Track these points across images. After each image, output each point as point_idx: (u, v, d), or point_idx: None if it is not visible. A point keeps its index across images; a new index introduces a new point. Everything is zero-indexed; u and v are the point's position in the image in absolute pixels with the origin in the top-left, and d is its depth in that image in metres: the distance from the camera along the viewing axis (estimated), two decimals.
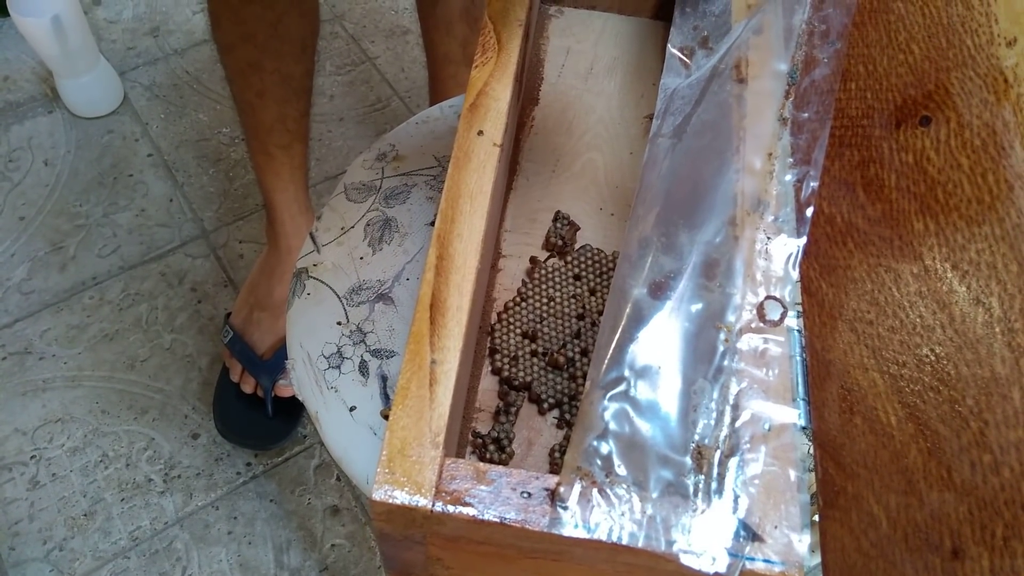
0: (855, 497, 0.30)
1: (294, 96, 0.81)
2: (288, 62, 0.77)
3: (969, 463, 0.28)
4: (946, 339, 0.30)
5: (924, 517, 0.28)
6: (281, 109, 0.81)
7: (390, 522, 0.31)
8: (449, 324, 0.34)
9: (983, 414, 0.28)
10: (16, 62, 1.27)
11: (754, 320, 0.34)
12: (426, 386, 0.33)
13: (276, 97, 0.80)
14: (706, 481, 0.30)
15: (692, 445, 0.31)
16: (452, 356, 0.34)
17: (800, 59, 0.39)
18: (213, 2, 0.74)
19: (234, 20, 0.74)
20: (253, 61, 0.76)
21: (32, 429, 0.97)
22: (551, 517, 0.30)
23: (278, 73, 0.78)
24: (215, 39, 0.77)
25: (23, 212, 1.13)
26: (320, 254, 0.58)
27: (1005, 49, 0.35)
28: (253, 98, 0.80)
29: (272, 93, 0.79)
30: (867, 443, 0.31)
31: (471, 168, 0.39)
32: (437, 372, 0.33)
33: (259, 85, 0.78)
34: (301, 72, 0.80)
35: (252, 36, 0.74)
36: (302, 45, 0.78)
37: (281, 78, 0.78)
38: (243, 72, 0.78)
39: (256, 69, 0.77)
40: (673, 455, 0.30)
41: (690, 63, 0.41)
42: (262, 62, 0.76)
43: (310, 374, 0.53)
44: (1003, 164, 0.32)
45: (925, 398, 0.30)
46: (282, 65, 0.77)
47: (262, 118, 0.82)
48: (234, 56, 0.77)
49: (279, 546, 0.92)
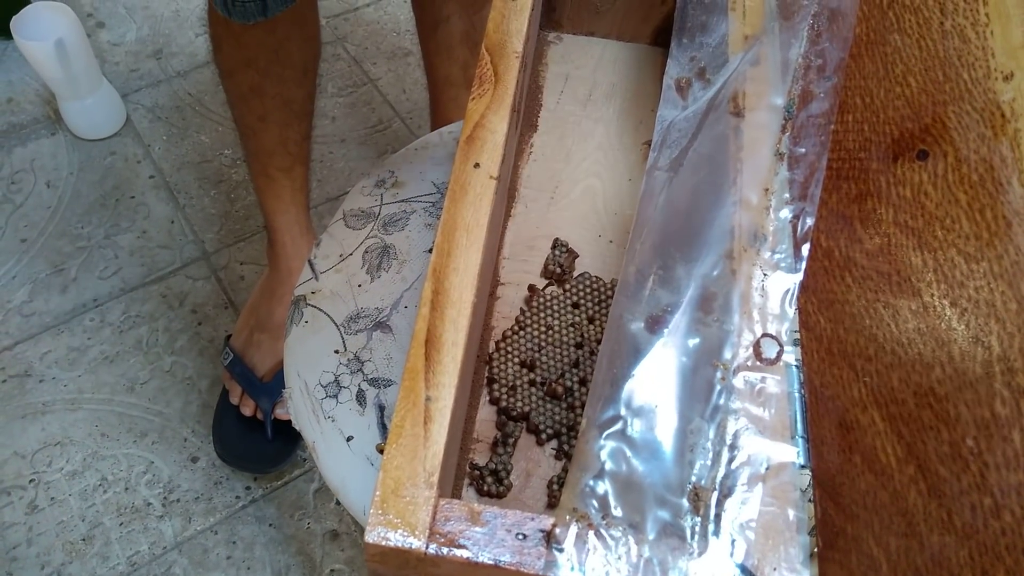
0: (855, 539, 0.30)
1: (296, 119, 0.81)
2: (290, 86, 0.78)
3: (970, 506, 0.27)
4: (945, 378, 0.30)
5: (924, 561, 0.27)
6: (283, 132, 0.81)
7: (384, 563, 0.31)
8: (444, 360, 0.34)
9: (983, 456, 0.28)
10: (19, 84, 1.28)
11: (751, 358, 0.33)
12: (420, 424, 0.32)
13: (278, 121, 0.80)
14: (703, 523, 0.30)
15: (689, 486, 0.30)
16: (447, 393, 0.33)
17: (796, 93, 0.39)
18: (214, 26, 0.75)
19: (235, 45, 0.74)
20: (255, 85, 0.76)
21: (31, 452, 0.97)
22: (547, 560, 0.30)
23: (280, 97, 0.78)
24: (216, 63, 0.78)
25: (25, 234, 1.13)
26: (318, 281, 0.58)
27: (1002, 83, 0.35)
28: (255, 122, 0.80)
29: (274, 117, 0.80)
30: (867, 483, 0.30)
31: (467, 201, 0.39)
32: (432, 409, 0.33)
33: (261, 109, 0.79)
34: (303, 96, 0.80)
35: (254, 61, 0.74)
36: (304, 69, 0.78)
37: (283, 102, 0.79)
38: (245, 96, 0.78)
39: (258, 93, 0.77)
40: (670, 496, 0.30)
41: (687, 95, 0.41)
42: (264, 86, 0.76)
43: (307, 403, 0.53)
44: (1001, 200, 0.32)
45: (925, 438, 0.30)
46: (284, 89, 0.78)
47: (263, 141, 0.82)
48: (235, 80, 0.77)
49: (278, 571, 0.91)
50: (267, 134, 0.81)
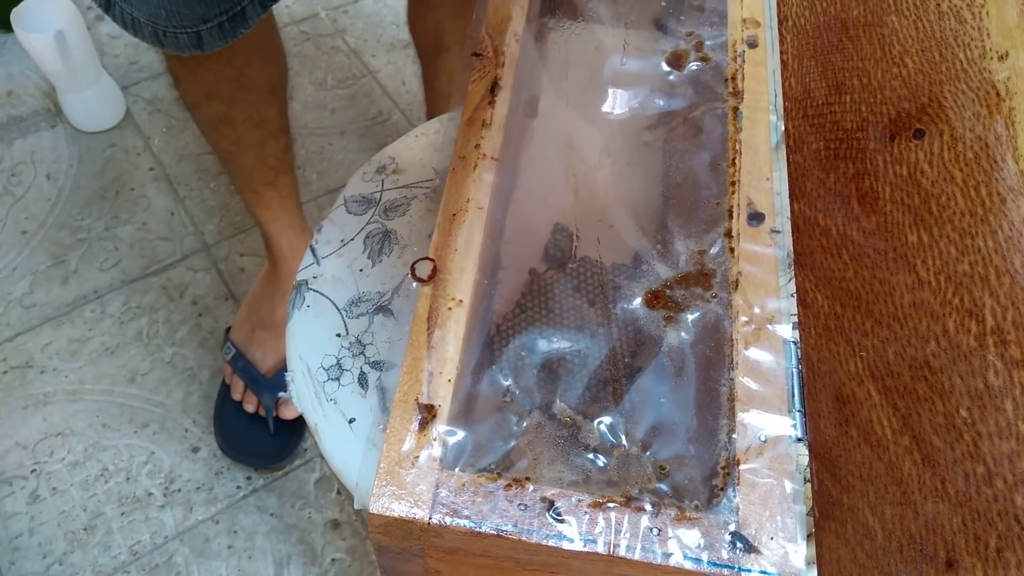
0: (851, 508, 0.30)
1: (271, 137, 0.80)
2: (259, 108, 0.76)
3: (963, 474, 0.28)
4: (940, 351, 0.31)
5: (919, 528, 0.28)
6: (260, 151, 0.80)
7: (388, 534, 0.31)
8: (447, 336, 0.35)
9: (977, 425, 0.28)
10: (19, 77, 1.28)
11: (748, 334, 0.34)
12: (424, 396, 0.33)
13: (252, 142, 0.78)
14: (703, 492, 0.30)
15: (690, 457, 0.31)
16: (450, 367, 0.34)
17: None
18: (169, 61, 0.73)
19: (193, 80, 0.72)
20: (222, 115, 0.75)
21: (32, 443, 0.97)
22: (548, 529, 0.30)
23: (250, 121, 0.76)
24: (181, 98, 0.76)
25: (25, 226, 1.13)
26: (320, 266, 0.58)
27: (997, 63, 0.35)
28: (230, 147, 0.79)
29: (247, 140, 0.78)
30: (862, 454, 0.31)
31: (468, 181, 0.39)
32: (435, 384, 0.33)
33: (233, 135, 0.77)
34: (274, 114, 0.78)
35: (216, 93, 0.72)
36: (271, 90, 0.76)
37: (253, 125, 0.77)
38: (214, 126, 0.77)
39: (227, 122, 0.75)
40: (670, 466, 0.30)
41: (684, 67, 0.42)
42: (231, 115, 0.75)
43: (309, 386, 0.53)
44: (995, 177, 0.33)
45: (920, 410, 0.30)
46: (253, 113, 0.76)
47: (242, 162, 0.80)
48: (202, 112, 0.76)
49: (279, 560, 0.92)
50: (244, 156, 0.80)
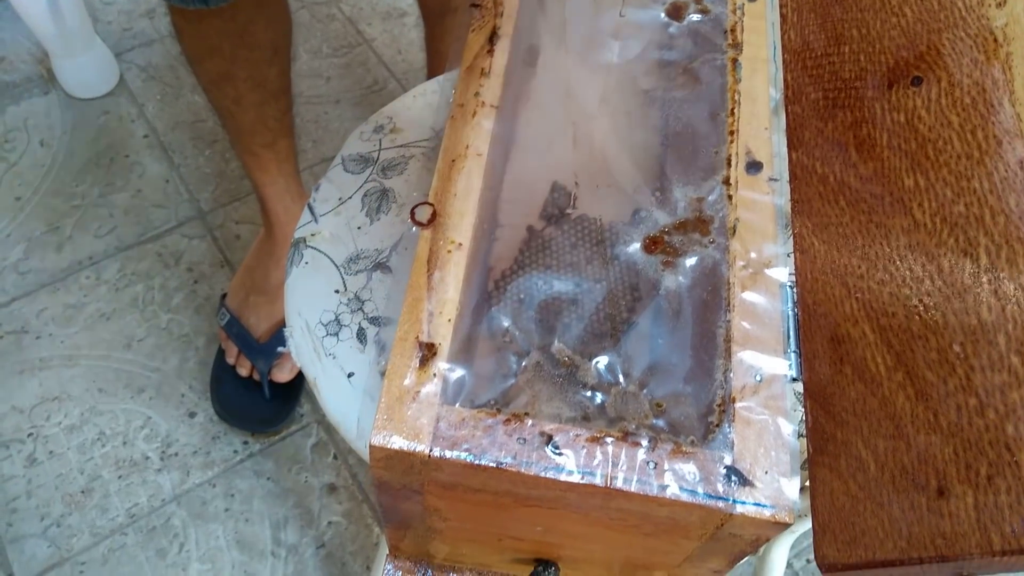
0: (844, 443, 0.31)
1: (272, 98, 0.79)
2: (261, 67, 0.76)
3: (955, 407, 0.28)
4: (935, 289, 0.31)
5: (911, 459, 0.29)
6: (260, 112, 0.80)
7: (389, 468, 0.32)
8: (446, 278, 0.35)
9: (969, 359, 0.29)
10: (12, 43, 1.27)
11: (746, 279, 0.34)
12: (424, 335, 0.33)
13: (253, 102, 0.78)
14: (699, 428, 0.31)
15: (686, 395, 0.31)
16: (450, 308, 0.34)
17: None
18: (173, 15, 0.72)
19: (196, 34, 0.72)
20: (223, 72, 0.74)
21: (29, 407, 0.97)
22: (546, 462, 0.31)
23: (251, 80, 0.76)
24: (183, 52, 0.76)
25: (19, 192, 1.13)
26: (318, 224, 0.58)
27: (995, 10, 0.35)
28: (230, 105, 0.78)
29: (248, 99, 0.78)
30: (856, 392, 0.31)
31: (468, 128, 0.39)
32: (435, 323, 0.34)
33: (233, 93, 0.77)
34: (276, 74, 0.78)
35: (218, 48, 0.72)
36: (273, 49, 0.76)
37: (255, 84, 0.77)
38: (215, 82, 0.76)
39: (228, 79, 0.75)
40: (667, 403, 0.31)
41: (684, 17, 0.42)
42: (233, 72, 0.74)
43: (308, 341, 0.53)
44: (992, 120, 0.33)
45: (914, 346, 0.31)
46: (255, 72, 0.76)
47: (242, 122, 0.80)
48: (204, 68, 0.75)
49: (276, 523, 0.92)
50: (244, 115, 0.80)
